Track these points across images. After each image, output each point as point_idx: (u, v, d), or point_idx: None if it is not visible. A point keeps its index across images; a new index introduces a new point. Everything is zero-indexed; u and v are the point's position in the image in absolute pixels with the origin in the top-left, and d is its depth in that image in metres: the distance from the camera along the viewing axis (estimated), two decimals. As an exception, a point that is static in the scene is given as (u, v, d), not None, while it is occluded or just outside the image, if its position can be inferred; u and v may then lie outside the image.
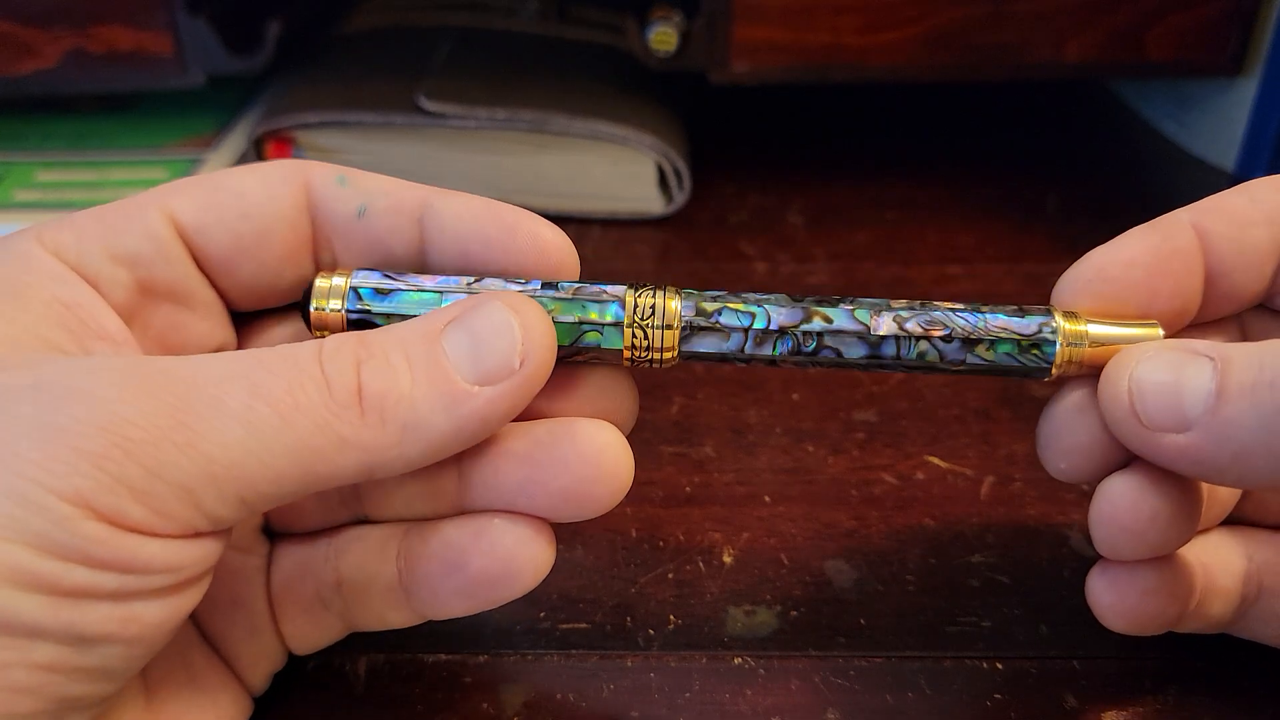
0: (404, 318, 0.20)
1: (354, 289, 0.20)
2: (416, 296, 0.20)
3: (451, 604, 0.21)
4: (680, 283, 0.21)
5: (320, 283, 0.20)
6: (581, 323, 0.20)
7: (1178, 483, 0.19)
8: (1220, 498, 0.22)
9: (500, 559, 0.20)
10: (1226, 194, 0.21)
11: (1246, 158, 0.42)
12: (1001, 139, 0.49)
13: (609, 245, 0.40)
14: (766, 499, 0.28)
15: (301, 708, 0.22)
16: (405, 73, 0.42)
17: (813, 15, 0.39)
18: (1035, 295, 0.21)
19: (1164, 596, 0.21)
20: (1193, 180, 0.44)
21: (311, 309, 0.20)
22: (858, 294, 0.21)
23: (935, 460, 0.29)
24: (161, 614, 0.16)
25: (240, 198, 0.20)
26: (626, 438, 0.20)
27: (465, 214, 0.20)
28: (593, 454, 0.20)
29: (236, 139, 0.43)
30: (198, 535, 0.17)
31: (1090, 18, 0.40)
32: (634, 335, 0.20)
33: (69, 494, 0.15)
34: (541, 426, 0.20)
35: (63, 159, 0.42)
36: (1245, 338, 0.22)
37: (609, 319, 0.20)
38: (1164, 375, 0.19)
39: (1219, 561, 0.22)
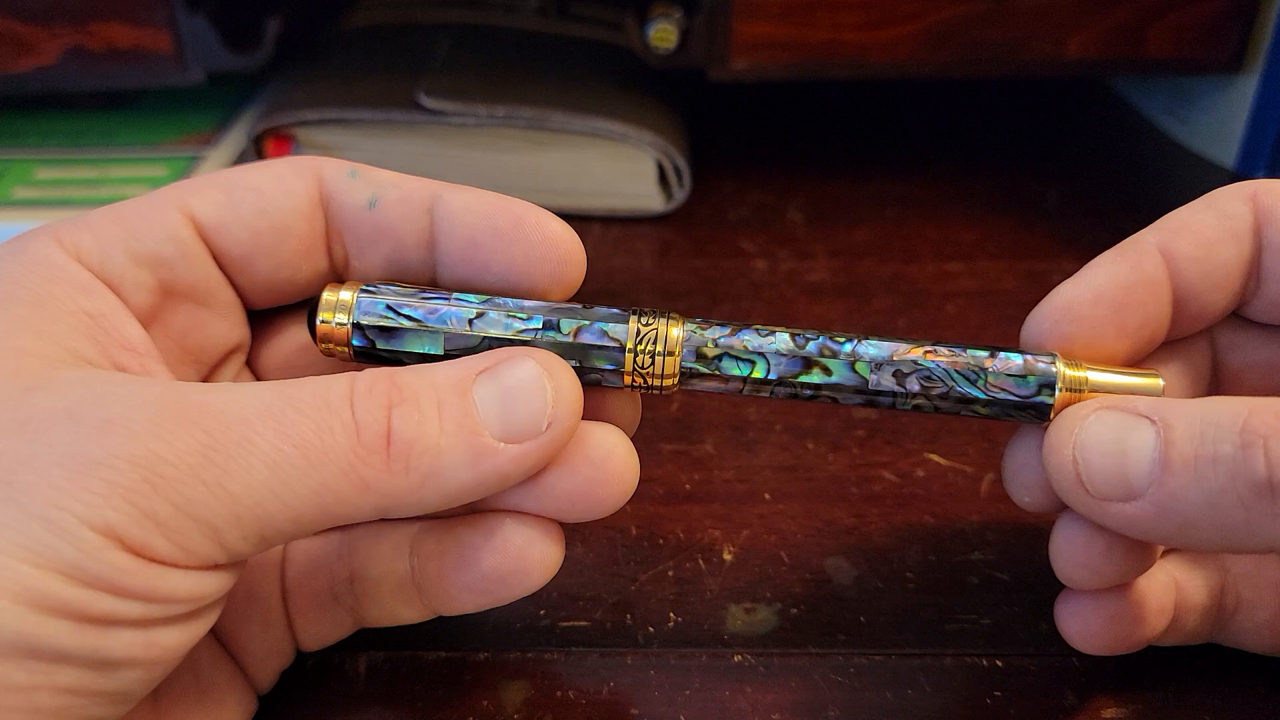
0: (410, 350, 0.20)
1: (359, 322, 0.20)
2: (418, 341, 0.20)
3: (463, 600, 0.21)
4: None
5: (328, 296, 0.20)
6: (583, 366, 0.20)
7: None
8: None
9: (511, 557, 0.20)
10: (1192, 209, 0.21)
11: (1247, 155, 0.42)
12: (1002, 136, 0.49)
13: (609, 243, 0.40)
14: (766, 496, 0.28)
15: (302, 705, 0.22)
16: (405, 70, 0.42)
17: (813, 12, 0.39)
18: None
19: (1129, 621, 0.21)
20: (1193, 177, 0.44)
21: (318, 322, 0.20)
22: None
23: (935, 458, 0.29)
24: (180, 638, 0.17)
25: (258, 194, 0.20)
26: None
27: (474, 205, 0.20)
28: (599, 458, 0.20)
29: (236, 136, 0.43)
30: (217, 567, 0.17)
31: (1091, 14, 0.40)
32: (635, 361, 0.20)
33: (99, 525, 0.15)
34: None
35: (62, 156, 0.42)
36: (1215, 349, 0.23)
37: (609, 365, 0.20)
38: (1107, 444, 0.19)
39: (1193, 577, 0.22)
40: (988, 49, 0.40)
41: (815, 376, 0.20)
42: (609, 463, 0.20)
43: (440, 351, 0.20)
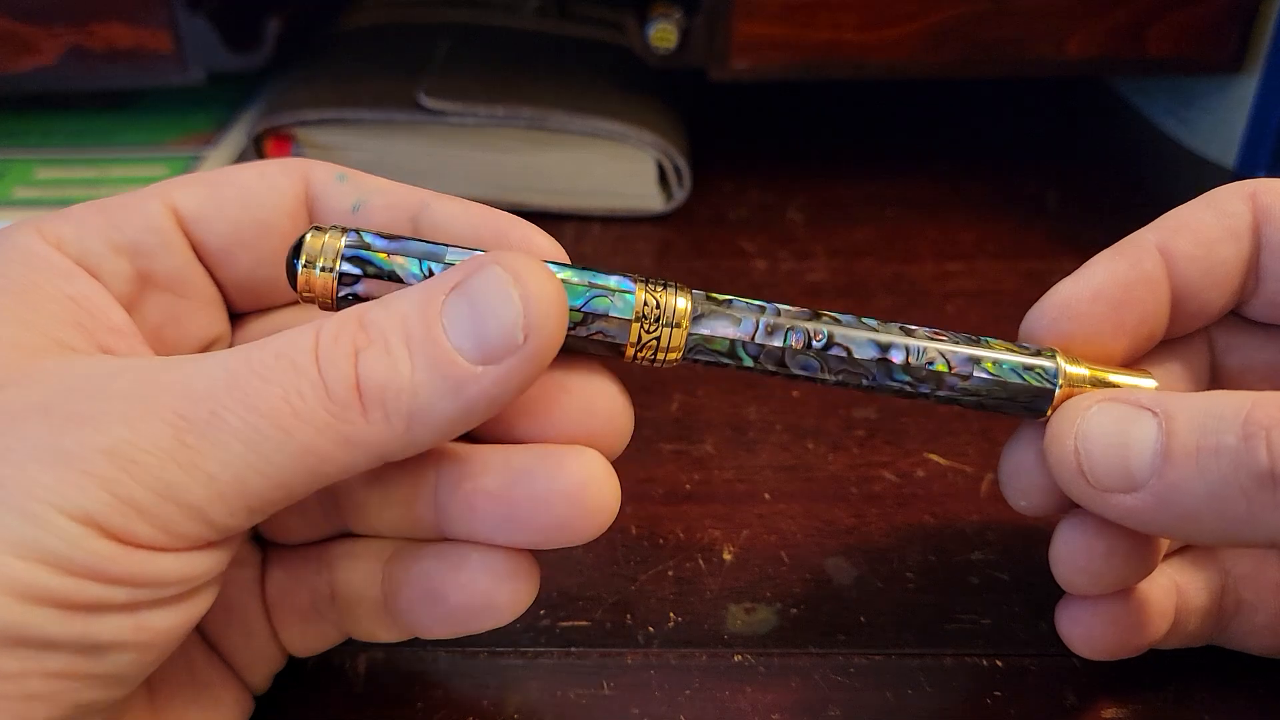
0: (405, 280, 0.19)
1: (349, 249, 0.19)
2: (421, 244, 0.19)
3: (434, 630, 0.21)
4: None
5: (312, 240, 0.19)
6: (592, 286, 0.19)
7: None
8: None
9: (478, 594, 0.20)
10: (1191, 208, 0.21)
11: (1247, 155, 0.42)
12: (1002, 136, 0.49)
13: (608, 243, 0.40)
14: (766, 496, 0.28)
15: (301, 705, 0.22)
16: (405, 70, 0.42)
17: (813, 12, 0.39)
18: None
19: (1130, 626, 0.21)
20: (1193, 177, 0.44)
21: (299, 266, 0.19)
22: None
23: (935, 457, 0.29)
24: (173, 620, 0.17)
25: (243, 190, 0.20)
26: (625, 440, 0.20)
27: (460, 216, 0.20)
28: (573, 490, 0.19)
29: (236, 136, 0.43)
30: (208, 545, 0.17)
31: (1091, 14, 0.40)
32: (641, 330, 0.19)
33: (79, 515, 0.15)
34: (519, 457, 0.19)
35: (62, 156, 0.42)
36: (1214, 350, 0.23)
37: (620, 287, 0.19)
38: (1109, 435, 0.19)
39: (1193, 580, 0.22)
40: (988, 49, 0.40)
41: (825, 324, 0.20)
42: (584, 494, 0.19)
43: (442, 249, 0.19)
